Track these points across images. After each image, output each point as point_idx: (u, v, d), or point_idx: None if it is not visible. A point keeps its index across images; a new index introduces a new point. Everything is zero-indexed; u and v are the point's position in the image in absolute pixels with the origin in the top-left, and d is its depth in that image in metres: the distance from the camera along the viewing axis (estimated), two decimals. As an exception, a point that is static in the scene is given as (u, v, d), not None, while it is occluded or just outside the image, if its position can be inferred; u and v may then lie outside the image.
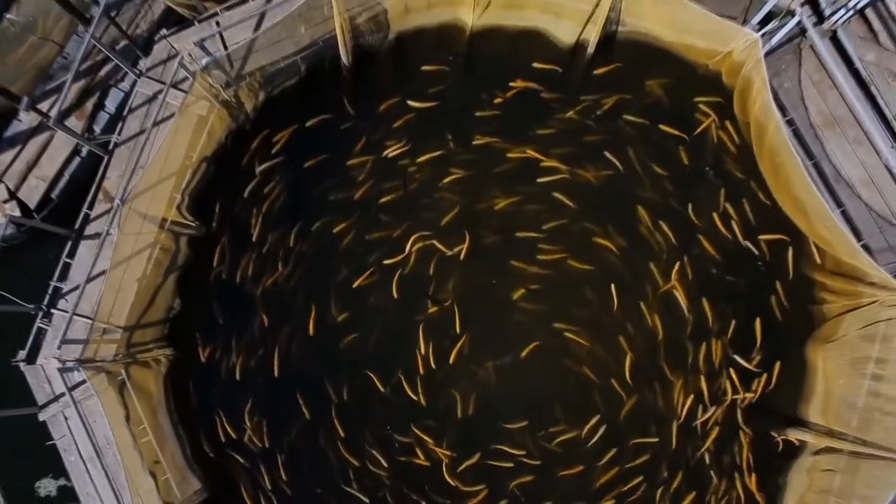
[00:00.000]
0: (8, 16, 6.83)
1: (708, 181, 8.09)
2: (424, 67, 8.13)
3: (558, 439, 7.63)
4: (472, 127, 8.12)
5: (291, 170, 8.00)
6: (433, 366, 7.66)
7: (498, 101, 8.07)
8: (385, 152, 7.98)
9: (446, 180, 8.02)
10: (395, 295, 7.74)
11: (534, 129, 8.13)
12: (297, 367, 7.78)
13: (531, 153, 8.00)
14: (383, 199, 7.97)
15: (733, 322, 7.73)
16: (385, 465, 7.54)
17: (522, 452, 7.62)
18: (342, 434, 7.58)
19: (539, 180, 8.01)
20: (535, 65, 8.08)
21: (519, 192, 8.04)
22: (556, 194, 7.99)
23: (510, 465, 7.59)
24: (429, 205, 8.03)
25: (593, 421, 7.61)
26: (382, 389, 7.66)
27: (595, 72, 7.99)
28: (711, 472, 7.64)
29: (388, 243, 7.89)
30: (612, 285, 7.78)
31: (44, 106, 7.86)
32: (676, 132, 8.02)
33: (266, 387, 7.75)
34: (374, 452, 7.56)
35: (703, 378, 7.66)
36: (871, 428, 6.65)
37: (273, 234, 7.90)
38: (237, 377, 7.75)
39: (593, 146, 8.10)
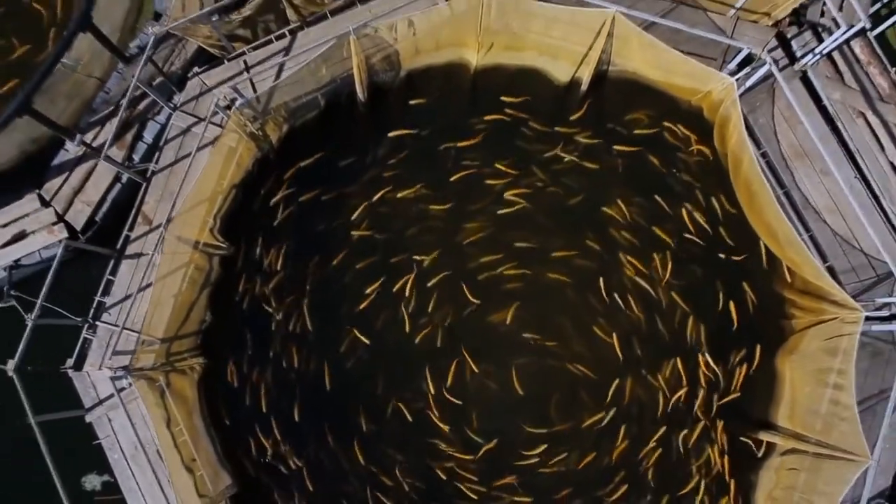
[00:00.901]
0: (63, 60, 7.59)
1: (683, 196, 8.85)
2: (412, 102, 8.84)
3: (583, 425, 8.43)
4: (460, 156, 8.91)
5: (302, 201, 8.74)
6: (441, 387, 8.43)
7: (477, 137, 8.85)
8: (386, 187, 8.79)
9: (438, 207, 8.81)
10: (406, 325, 8.51)
11: (517, 156, 8.92)
12: (316, 382, 8.53)
13: (514, 172, 8.83)
14: (383, 230, 8.77)
15: (709, 328, 8.50)
16: (410, 477, 8.33)
17: (543, 447, 8.33)
18: (363, 448, 8.35)
19: (524, 203, 8.82)
20: (503, 98, 8.80)
21: (502, 215, 8.79)
22: (534, 210, 8.84)
23: (536, 460, 8.31)
24: (424, 230, 8.81)
25: (600, 414, 8.40)
26: (400, 406, 8.43)
27: (573, 116, 8.88)
28: (693, 468, 8.41)
29: (389, 271, 8.67)
30: (601, 278, 8.58)
31: (87, 136, 8.65)
32: (632, 148, 8.84)
33: (288, 401, 8.50)
34: (398, 469, 8.33)
35: (684, 378, 8.39)
36: (831, 432, 7.42)
37: (290, 260, 8.67)
38: (261, 386, 8.53)
39: (575, 168, 8.89)
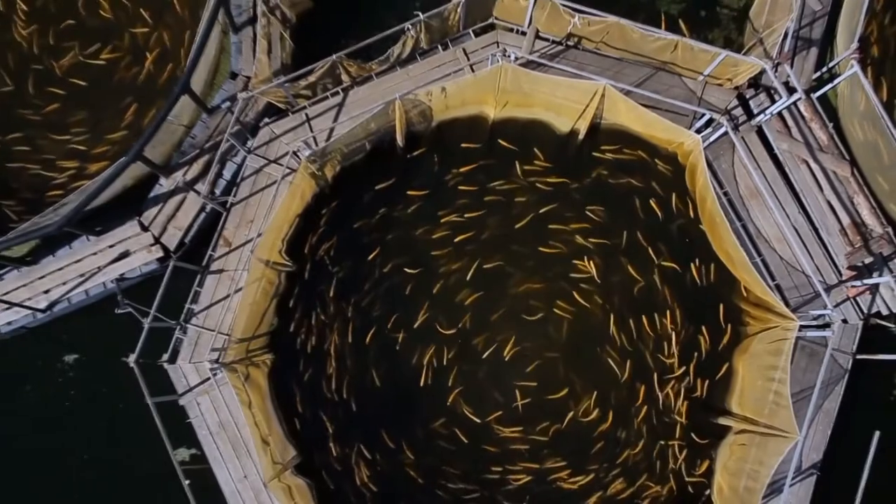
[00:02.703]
0: (169, 118, 9.57)
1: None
2: (411, 154, 10.76)
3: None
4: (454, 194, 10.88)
5: (346, 228, 10.71)
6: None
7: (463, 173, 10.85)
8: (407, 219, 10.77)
9: (437, 235, 10.75)
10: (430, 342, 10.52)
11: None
12: (361, 381, 10.53)
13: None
14: (410, 258, 10.71)
15: (681, 333, 10.46)
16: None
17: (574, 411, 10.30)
18: (412, 446, 10.25)
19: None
20: (463, 145, 10.71)
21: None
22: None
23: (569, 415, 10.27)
24: (435, 257, 10.74)
25: (623, 375, 10.30)
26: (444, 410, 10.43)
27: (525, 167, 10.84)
28: (672, 444, 10.34)
29: (406, 301, 10.60)
30: (586, 257, 10.54)
31: (178, 174, 10.63)
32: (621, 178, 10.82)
33: (339, 392, 10.45)
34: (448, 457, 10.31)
35: (657, 364, 10.37)
36: (774, 417, 9.37)
37: (337, 276, 10.59)
38: (315, 382, 10.49)
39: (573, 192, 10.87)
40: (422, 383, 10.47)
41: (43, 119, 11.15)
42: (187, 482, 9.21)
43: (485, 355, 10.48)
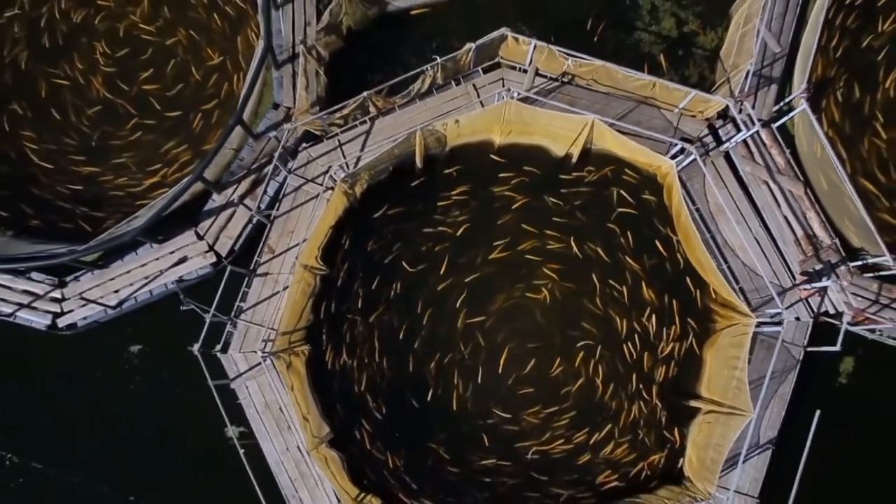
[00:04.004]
0: (226, 145, 11.34)
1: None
2: (413, 184, 12.45)
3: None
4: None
5: (370, 238, 12.43)
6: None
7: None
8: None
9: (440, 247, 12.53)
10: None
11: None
12: (384, 372, 12.28)
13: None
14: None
15: (661, 322, 12.21)
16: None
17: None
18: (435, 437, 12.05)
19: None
20: (446, 171, 12.45)
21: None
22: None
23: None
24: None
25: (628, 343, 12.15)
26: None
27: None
28: (655, 423, 12.09)
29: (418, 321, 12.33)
30: (572, 237, 12.33)
31: (229, 191, 12.40)
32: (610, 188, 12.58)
33: (368, 381, 12.24)
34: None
35: (644, 358, 12.16)
36: (736, 399, 11.10)
37: (363, 281, 12.29)
38: (346, 369, 12.24)
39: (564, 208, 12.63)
40: (434, 378, 12.18)
41: (125, 141, 13.01)
42: (242, 451, 10.95)
43: (490, 351, 12.22)
